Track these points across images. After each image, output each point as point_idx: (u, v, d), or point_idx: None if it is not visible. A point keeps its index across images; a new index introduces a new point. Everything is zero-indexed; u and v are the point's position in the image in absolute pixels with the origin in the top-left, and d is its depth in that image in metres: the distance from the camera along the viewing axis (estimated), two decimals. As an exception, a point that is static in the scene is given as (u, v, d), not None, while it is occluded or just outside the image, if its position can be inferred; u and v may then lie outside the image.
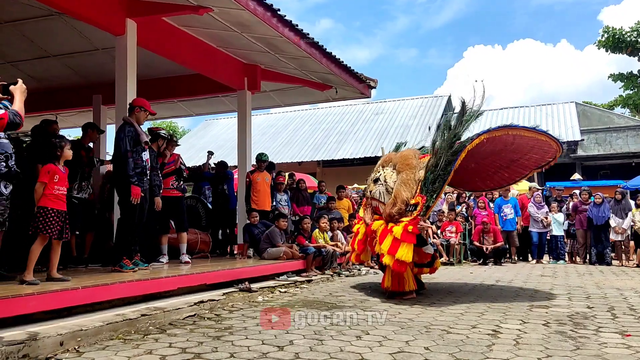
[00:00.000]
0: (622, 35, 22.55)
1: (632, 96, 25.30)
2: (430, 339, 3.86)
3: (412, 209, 5.68)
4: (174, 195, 7.12)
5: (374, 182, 6.29)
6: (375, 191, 6.21)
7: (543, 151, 6.64)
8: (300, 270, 7.96)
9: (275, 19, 6.99)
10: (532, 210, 11.84)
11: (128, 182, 5.64)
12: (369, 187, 6.38)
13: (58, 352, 3.38)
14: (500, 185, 7.96)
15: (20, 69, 9.54)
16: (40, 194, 4.61)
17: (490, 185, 8.02)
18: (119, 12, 6.68)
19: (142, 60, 7.23)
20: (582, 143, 20.63)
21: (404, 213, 5.71)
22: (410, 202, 5.73)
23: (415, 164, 6.04)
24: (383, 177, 6.18)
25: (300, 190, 10.45)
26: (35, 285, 4.32)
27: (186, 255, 7.18)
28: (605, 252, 11.08)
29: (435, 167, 5.72)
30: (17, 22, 7.86)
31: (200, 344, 3.66)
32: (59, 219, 4.64)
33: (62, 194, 4.76)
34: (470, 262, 11.54)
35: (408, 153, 6.29)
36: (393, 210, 5.78)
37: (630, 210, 11.04)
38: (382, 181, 6.16)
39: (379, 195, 6.14)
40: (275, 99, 11.81)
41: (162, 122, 25.60)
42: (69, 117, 12.48)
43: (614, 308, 5.34)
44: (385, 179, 6.13)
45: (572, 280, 8.01)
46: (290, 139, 24.27)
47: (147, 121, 6.66)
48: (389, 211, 5.83)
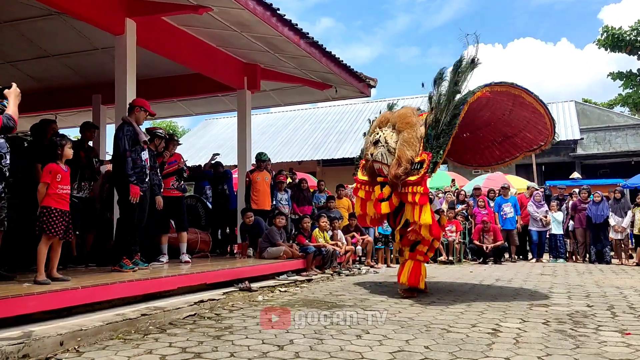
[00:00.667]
0: (621, 35, 22.55)
1: (632, 95, 25.29)
2: (431, 338, 3.86)
3: (417, 167, 5.64)
4: (175, 195, 7.12)
5: (374, 144, 6.08)
6: (377, 154, 6.01)
7: (537, 130, 6.62)
8: (300, 269, 7.96)
9: (274, 18, 6.99)
10: (531, 209, 11.85)
11: (127, 181, 5.64)
12: (369, 150, 6.14)
13: (58, 352, 3.38)
14: (489, 163, 7.87)
15: (20, 68, 9.54)
16: (44, 194, 4.61)
17: (479, 162, 7.93)
18: (119, 11, 6.67)
19: (142, 59, 7.23)
20: (582, 142, 20.64)
21: (410, 172, 5.67)
22: (415, 160, 5.69)
23: (415, 121, 5.96)
24: (383, 138, 6.01)
25: (302, 190, 10.44)
26: (47, 284, 4.35)
27: (186, 255, 7.18)
28: (604, 251, 11.08)
29: (436, 123, 5.66)
30: (17, 22, 7.86)
31: (200, 344, 3.66)
32: (62, 218, 4.65)
33: (66, 193, 4.75)
34: (470, 261, 11.54)
35: (406, 111, 6.16)
36: (399, 170, 5.70)
37: (630, 209, 11.05)
38: (382, 142, 5.99)
39: (381, 157, 5.98)
40: (275, 98, 11.81)
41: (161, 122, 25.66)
42: (69, 117, 12.47)
43: (613, 307, 5.35)
44: (386, 140, 5.98)
45: (572, 279, 8.01)
46: (289, 138, 24.27)
47: (146, 121, 6.66)
48: (395, 172, 5.73)
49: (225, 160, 18.77)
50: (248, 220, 8.54)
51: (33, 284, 4.37)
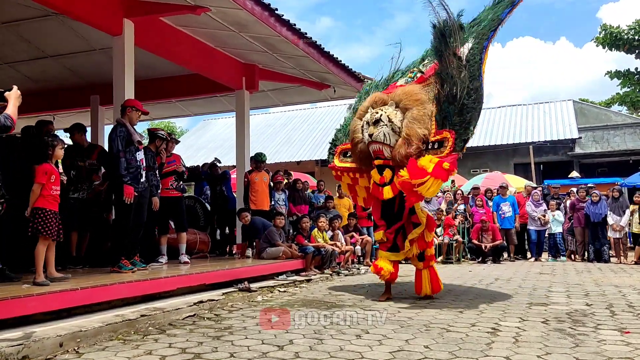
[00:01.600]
0: (619, 33, 22.57)
1: (630, 94, 25.29)
2: (430, 338, 3.86)
3: (437, 147, 5.37)
4: (173, 195, 7.11)
5: (374, 124, 5.64)
6: (377, 133, 5.58)
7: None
8: (299, 269, 7.96)
9: (272, 18, 6.99)
10: (530, 208, 11.86)
11: (121, 181, 5.63)
12: (369, 130, 5.66)
13: (58, 353, 3.38)
14: None
15: (18, 69, 9.52)
16: (38, 195, 4.59)
17: None
18: (117, 12, 6.66)
19: (140, 60, 7.23)
20: (580, 141, 20.67)
21: (422, 152, 5.39)
22: (431, 139, 5.43)
23: (425, 98, 5.61)
24: (386, 117, 5.59)
25: (297, 190, 10.44)
26: (47, 285, 4.35)
27: (185, 256, 7.17)
28: (603, 250, 11.10)
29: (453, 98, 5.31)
30: (14, 23, 7.84)
31: (200, 344, 3.66)
32: (55, 219, 4.65)
33: (58, 194, 4.76)
34: (469, 261, 11.55)
35: (412, 88, 5.79)
36: (411, 149, 5.36)
37: (628, 208, 11.07)
38: (385, 122, 5.58)
39: (383, 137, 5.57)
40: (273, 99, 11.81)
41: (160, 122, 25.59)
42: (67, 118, 12.43)
43: (612, 305, 5.35)
44: (389, 119, 5.57)
45: (571, 278, 8.02)
46: (288, 138, 24.27)
47: (144, 121, 6.65)
48: (406, 151, 5.38)
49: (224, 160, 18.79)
50: (244, 220, 8.53)
51: (32, 285, 4.36)
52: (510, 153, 20.79)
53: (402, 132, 5.50)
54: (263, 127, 25.52)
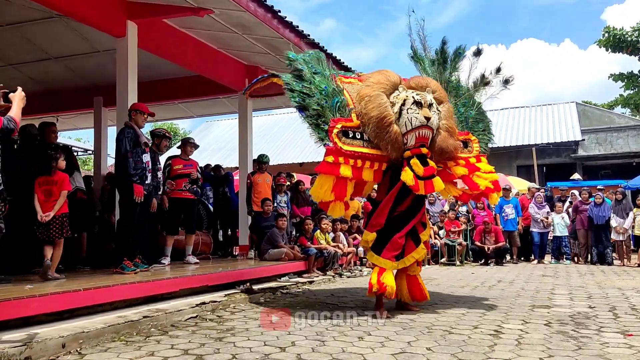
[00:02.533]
0: (622, 35, 22.54)
1: (633, 96, 25.25)
2: (432, 340, 3.86)
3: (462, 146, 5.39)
4: (186, 197, 7.14)
5: (428, 107, 5.02)
6: (434, 119, 5.02)
7: None
8: (301, 271, 7.96)
9: (275, 20, 7.01)
10: (532, 210, 11.84)
11: (130, 181, 5.67)
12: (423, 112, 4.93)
13: (60, 354, 3.38)
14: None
15: (22, 71, 9.55)
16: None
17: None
18: (120, 14, 6.69)
19: (143, 62, 7.24)
20: (583, 143, 20.61)
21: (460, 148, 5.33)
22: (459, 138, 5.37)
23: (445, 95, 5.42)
24: (435, 105, 5.11)
25: (300, 192, 10.44)
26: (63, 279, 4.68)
27: (193, 257, 7.19)
28: (606, 252, 11.07)
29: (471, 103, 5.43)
30: (18, 25, 7.87)
31: (202, 346, 3.66)
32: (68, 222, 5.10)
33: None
34: (472, 263, 11.53)
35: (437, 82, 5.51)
36: (457, 142, 5.27)
37: (631, 210, 11.04)
38: (435, 108, 5.07)
39: (435, 124, 5.08)
40: (276, 101, 11.79)
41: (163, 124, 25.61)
42: (70, 119, 12.49)
43: (615, 308, 5.34)
44: (437, 107, 5.13)
45: (574, 280, 8.00)
46: (291, 140, 24.26)
47: (147, 122, 6.66)
48: (455, 143, 5.21)
49: (226, 162, 18.81)
50: (267, 209, 8.54)
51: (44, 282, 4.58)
52: (513, 155, 20.75)
53: (442, 124, 5.15)
54: (266, 128, 25.54)
